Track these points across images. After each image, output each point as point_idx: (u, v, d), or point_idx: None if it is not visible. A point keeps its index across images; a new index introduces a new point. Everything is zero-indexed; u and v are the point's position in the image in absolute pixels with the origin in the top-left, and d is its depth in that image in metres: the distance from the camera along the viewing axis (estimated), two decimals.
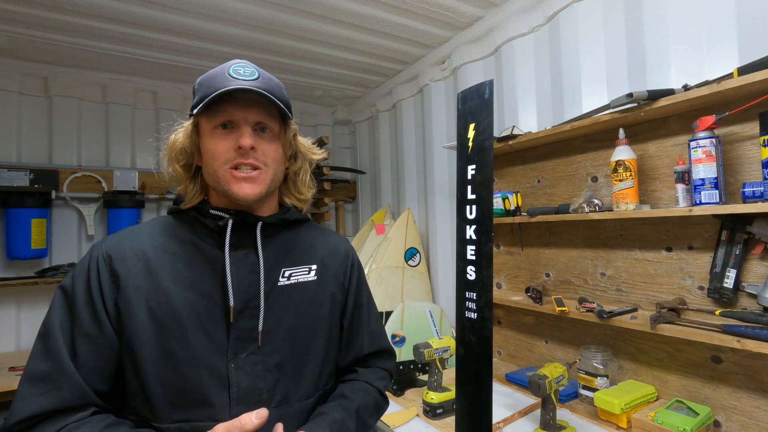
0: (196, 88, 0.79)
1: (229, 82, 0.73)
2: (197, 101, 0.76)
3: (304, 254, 0.86)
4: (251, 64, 0.79)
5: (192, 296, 0.73)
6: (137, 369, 0.70)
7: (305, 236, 0.89)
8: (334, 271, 0.89)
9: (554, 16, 1.86)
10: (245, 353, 0.74)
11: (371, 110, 3.38)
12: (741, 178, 1.27)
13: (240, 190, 0.74)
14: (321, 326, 0.84)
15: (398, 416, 1.56)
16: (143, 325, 0.70)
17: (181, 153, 0.79)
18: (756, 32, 1.25)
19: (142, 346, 0.70)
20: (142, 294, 0.71)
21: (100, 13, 1.98)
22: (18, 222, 2.33)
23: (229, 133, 0.75)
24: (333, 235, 0.97)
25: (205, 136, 0.76)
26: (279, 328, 0.78)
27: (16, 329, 2.46)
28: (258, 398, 0.73)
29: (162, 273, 0.74)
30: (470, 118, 1.23)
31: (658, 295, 1.48)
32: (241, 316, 0.75)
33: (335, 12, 2.06)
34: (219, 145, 0.74)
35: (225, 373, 0.72)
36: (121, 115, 2.82)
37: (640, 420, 1.30)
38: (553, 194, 1.86)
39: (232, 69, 0.76)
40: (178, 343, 0.71)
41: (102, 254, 0.73)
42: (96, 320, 0.70)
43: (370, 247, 2.66)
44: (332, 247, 0.92)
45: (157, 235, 0.79)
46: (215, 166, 0.75)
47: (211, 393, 0.71)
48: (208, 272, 0.76)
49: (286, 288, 0.81)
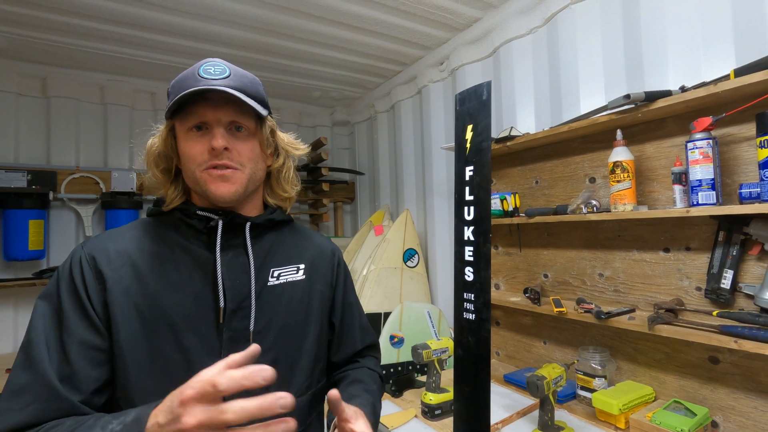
0: (169, 91, 0.77)
1: (198, 83, 0.72)
2: (170, 105, 0.74)
3: (292, 254, 0.87)
4: (223, 61, 0.77)
5: (182, 298, 0.72)
6: (127, 373, 0.68)
7: (290, 237, 0.90)
8: (322, 271, 0.91)
9: (552, 18, 1.86)
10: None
11: (370, 111, 3.38)
12: (738, 179, 1.27)
13: (217, 189, 0.74)
14: (311, 324, 0.85)
15: (397, 417, 1.56)
16: (133, 328, 0.69)
17: (159, 157, 0.78)
18: (752, 34, 1.25)
19: (132, 349, 0.68)
20: (130, 297, 0.70)
21: (99, 14, 1.97)
22: (15, 223, 2.32)
23: (204, 135, 0.74)
24: (317, 236, 0.99)
25: (180, 139, 0.76)
26: (271, 328, 0.78)
27: (13, 331, 2.46)
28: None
29: (150, 276, 0.72)
30: (468, 119, 1.23)
31: (655, 295, 1.49)
32: (233, 316, 0.74)
33: (333, 13, 2.06)
34: (194, 148, 0.73)
35: None
36: (119, 116, 2.81)
37: (638, 421, 1.31)
38: (551, 195, 1.86)
39: (203, 69, 0.74)
40: (170, 347, 0.70)
41: (84, 256, 0.72)
42: (88, 323, 0.68)
43: (369, 248, 2.66)
44: (318, 247, 0.94)
45: (141, 237, 0.77)
46: (192, 169, 0.74)
47: None
48: (197, 274, 0.75)
49: (276, 287, 0.81)
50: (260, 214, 0.85)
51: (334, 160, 3.68)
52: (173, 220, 0.79)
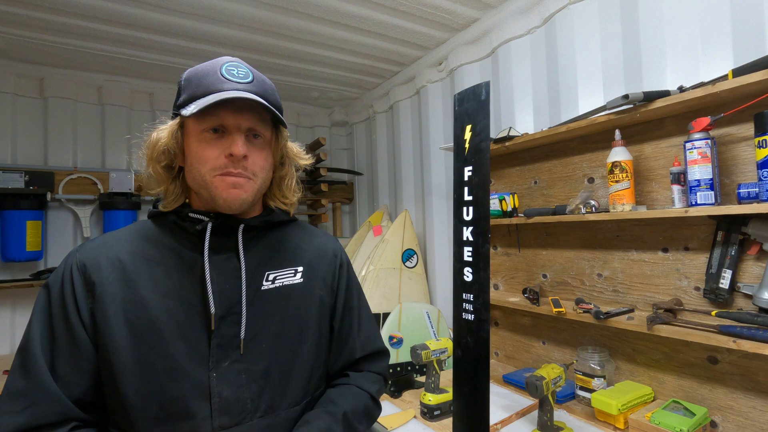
0: (183, 84, 0.74)
1: (223, 84, 0.70)
2: (185, 100, 0.71)
3: (290, 256, 0.83)
4: (243, 63, 0.76)
5: (171, 304, 0.70)
6: (115, 381, 0.67)
7: (291, 238, 0.86)
8: (322, 274, 0.86)
9: (550, 18, 1.86)
10: (227, 361, 0.71)
11: (368, 112, 3.38)
12: (736, 179, 1.27)
13: (228, 196, 0.71)
14: (308, 330, 0.80)
15: (396, 418, 1.55)
16: (120, 335, 0.67)
17: (163, 153, 0.74)
18: (750, 34, 1.25)
19: (119, 357, 0.67)
20: (118, 303, 0.69)
21: (96, 15, 1.97)
22: (13, 224, 2.31)
23: (220, 138, 0.71)
24: (321, 235, 0.94)
25: (191, 138, 0.72)
26: (263, 335, 0.74)
27: (11, 332, 2.45)
28: (242, 408, 0.70)
29: (139, 280, 0.70)
30: (467, 119, 1.23)
31: (654, 295, 1.49)
32: (223, 322, 0.71)
33: (332, 13, 2.06)
34: (208, 151, 0.70)
35: (206, 383, 0.69)
36: (117, 116, 2.80)
37: (637, 421, 1.31)
38: (550, 195, 1.86)
39: (225, 69, 0.72)
40: (156, 354, 0.68)
41: (76, 263, 0.71)
42: (71, 333, 0.67)
43: (368, 248, 2.66)
44: (319, 248, 0.89)
45: (135, 240, 0.75)
46: (203, 172, 0.71)
47: (192, 405, 0.68)
48: (187, 278, 0.73)
49: (271, 292, 0.77)
50: (256, 216, 0.82)
51: (332, 160, 3.68)
52: (169, 222, 0.77)
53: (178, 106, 0.73)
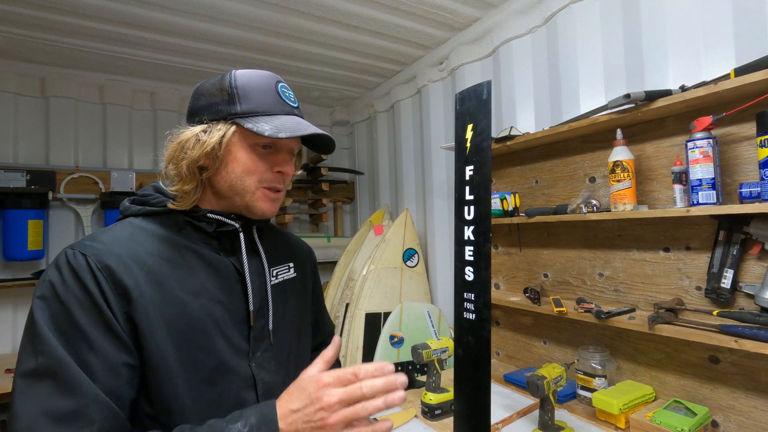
0: (239, 93, 0.73)
1: (283, 107, 0.76)
2: (247, 111, 0.72)
3: (284, 254, 0.92)
4: (284, 82, 0.81)
5: (206, 303, 0.72)
6: (161, 385, 0.66)
7: (278, 237, 0.95)
8: (305, 267, 0.98)
9: (552, 17, 1.86)
10: (260, 351, 0.78)
11: (369, 111, 3.38)
12: (738, 179, 1.27)
13: (267, 208, 0.78)
14: (306, 317, 0.94)
15: (396, 417, 1.55)
16: (164, 339, 0.66)
17: (206, 155, 0.73)
18: (752, 33, 1.25)
19: (165, 361, 0.66)
20: (157, 308, 0.66)
21: (97, 14, 1.97)
22: (14, 223, 2.32)
23: (270, 154, 0.76)
24: (292, 234, 1.06)
25: (238, 147, 0.74)
26: (282, 324, 0.83)
27: (12, 331, 2.45)
28: (278, 392, 0.69)
29: (168, 282, 0.69)
30: (468, 118, 1.23)
31: (655, 295, 1.48)
32: (256, 316, 0.78)
33: (333, 13, 2.06)
34: (258, 164, 0.75)
35: (250, 373, 0.75)
36: (118, 116, 2.81)
37: (638, 420, 1.30)
38: (551, 195, 1.86)
39: (281, 90, 0.77)
40: (203, 353, 0.69)
41: (95, 265, 0.64)
42: (113, 339, 0.63)
43: (369, 248, 2.66)
44: (298, 245, 1.01)
45: (146, 241, 0.72)
46: (248, 182, 0.75)
47: (243, 394, 0.74)
48: (212, 278, 0.74)
49: (278, 285, 0.86)
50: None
51: (333, 159, 3.68)
52: (175, 222, 0.76)
53: (235, 114, 0.73)
